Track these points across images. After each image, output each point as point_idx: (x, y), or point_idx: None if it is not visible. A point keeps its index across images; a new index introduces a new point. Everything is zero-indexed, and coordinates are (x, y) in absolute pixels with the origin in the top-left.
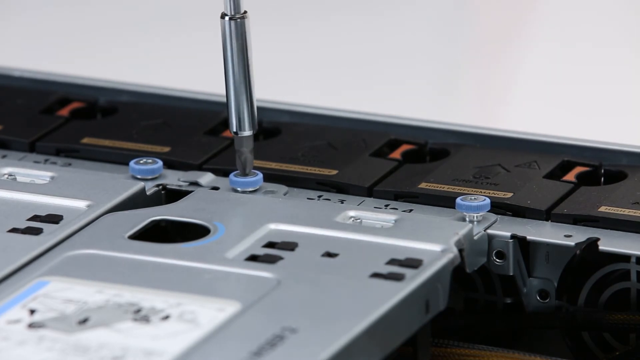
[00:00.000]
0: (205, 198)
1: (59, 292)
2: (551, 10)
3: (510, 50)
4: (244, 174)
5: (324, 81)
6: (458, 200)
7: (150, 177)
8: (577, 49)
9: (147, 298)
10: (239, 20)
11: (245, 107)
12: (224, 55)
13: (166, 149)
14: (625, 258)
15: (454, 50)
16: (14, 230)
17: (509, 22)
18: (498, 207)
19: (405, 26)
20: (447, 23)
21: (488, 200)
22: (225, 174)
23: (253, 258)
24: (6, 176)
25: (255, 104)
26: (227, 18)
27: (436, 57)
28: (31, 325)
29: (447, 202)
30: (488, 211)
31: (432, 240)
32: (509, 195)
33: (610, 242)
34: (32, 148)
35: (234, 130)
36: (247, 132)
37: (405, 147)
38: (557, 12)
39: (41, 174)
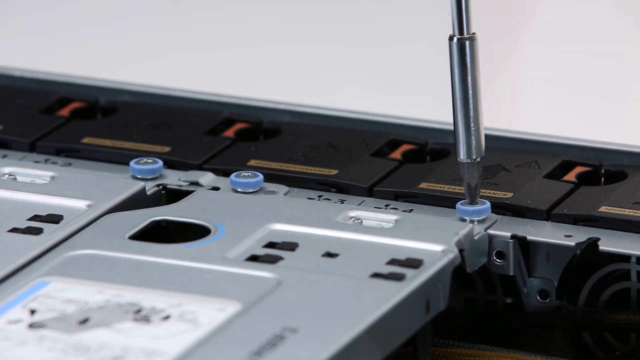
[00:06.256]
0: (206, 198)
1: (60, 292)
2: (551, 10)
3: (510, 50)
4: (473, 203)
5: (325, 81)
6: (458, 205)
7: (150, 177)
8: (577, 49)
9: (148, 298)
10: (465, 41)
11: (475, 133)
12: (452, 77)
13: (166, 149)
14: (626, 258)
15: None
16: (14, 230)
17: (509, 22)
18: (498, 207)
19: (406, 26)
20: (447, 23)
21: (488, 204)
22: (225, 174)
23: (253, 258)
24: (6, 176)
25: (483, 130)
26: (454, 39)
27: (436, 57)
28: (32, 326)
29: (447, 202)
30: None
31: (432, 241)
32: (509, 195)
33: (611, 242)
34: (32, 148)
35: (463, 157)
36: (477, 159)
37: (405, 147)
38: (556, 12)
39: (41, 174)
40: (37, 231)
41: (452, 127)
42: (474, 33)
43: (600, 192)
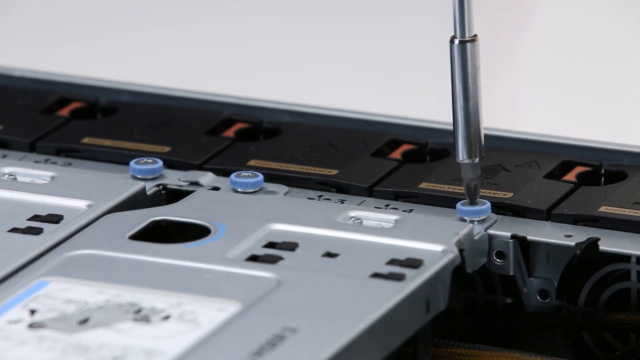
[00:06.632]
0: (206, 198)
1: (60, 292)
2: (551, 10)
3: (510, 50)
4: (472, 203)
5: (325, 81)
6: (458, 205)
7: (150, 177)
8: (577, 49)
9: (148, 298)
10: (467, 44)
11: (475, 134)
12: (452, 79)
13: (166, 149)
14: (626, 258)
15: None
16: (14, 230)
17: (508, 22)
18: (498, 207)
19: (406, 26)
20: (448, 23)
21: (488, 204)
22: (225, 174)
23: (253, 258)
24: (6, 176)
25: (483, 131)
26: (456, 41)
27: (436, 57)
28: (32, 326)
29: (447, 202)
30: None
31: (432, 241)
32: (509, 195)
33: (611, 242)
34: (32, 148)
35: (462, 157)
36: (476, 160)
37: (405, 147)
38: (556, 12)
39: (41, 174)
40: (37, 231)
41: (452, 127)
42: (475, 35)
43: (600, 192)
